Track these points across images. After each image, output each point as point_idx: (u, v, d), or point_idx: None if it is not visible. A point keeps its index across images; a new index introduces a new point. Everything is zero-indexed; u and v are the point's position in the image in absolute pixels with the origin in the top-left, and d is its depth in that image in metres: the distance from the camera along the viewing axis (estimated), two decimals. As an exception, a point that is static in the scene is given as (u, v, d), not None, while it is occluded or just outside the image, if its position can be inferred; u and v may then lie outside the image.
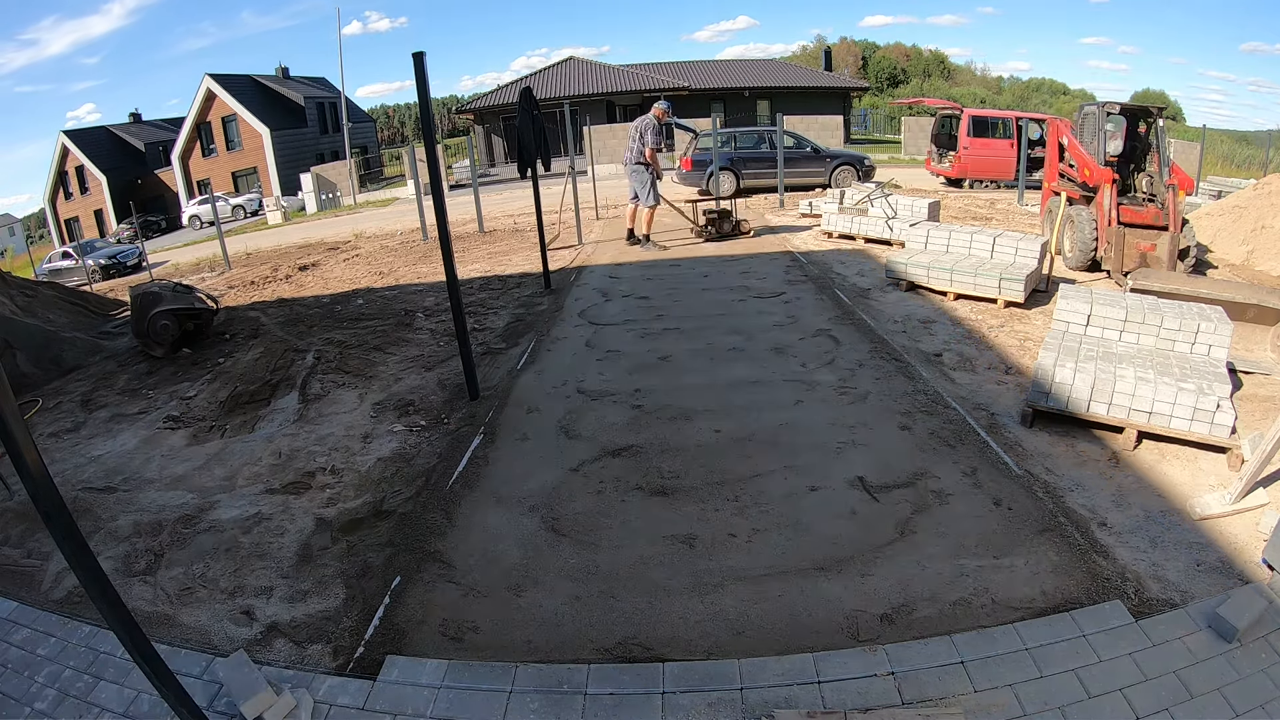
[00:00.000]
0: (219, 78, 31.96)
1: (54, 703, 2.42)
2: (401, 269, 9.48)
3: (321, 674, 2.44)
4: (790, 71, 33.20)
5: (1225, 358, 3.81)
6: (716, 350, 5.13)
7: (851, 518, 3.07)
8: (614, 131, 23.17)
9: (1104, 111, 7.06)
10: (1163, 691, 2.15)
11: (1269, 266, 7.06)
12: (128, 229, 25.97)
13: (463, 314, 4.55)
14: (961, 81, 53.04)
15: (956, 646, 2.34)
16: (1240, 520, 2.95)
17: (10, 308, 7.29)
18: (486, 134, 28.61)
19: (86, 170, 33.99)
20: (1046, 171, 8.71)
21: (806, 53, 53.19)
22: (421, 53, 4.05)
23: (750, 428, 3.92)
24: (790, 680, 2.26)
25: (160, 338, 6.24)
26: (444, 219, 4.34)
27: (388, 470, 3.85)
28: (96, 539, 3.35)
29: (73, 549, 1.68)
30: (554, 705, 2.23)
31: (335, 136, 32.85)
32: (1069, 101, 44.06)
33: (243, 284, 9.84)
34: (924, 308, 5.96)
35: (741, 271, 7.46)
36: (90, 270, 16.84)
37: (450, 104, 49.67)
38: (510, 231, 11.89)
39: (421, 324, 6.57)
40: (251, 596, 2.89)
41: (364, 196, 25.87)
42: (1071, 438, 3.66)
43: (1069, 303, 4.22)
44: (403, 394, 4.88)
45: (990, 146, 15.38)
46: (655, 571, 2.82)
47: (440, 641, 2.55)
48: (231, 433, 4.57)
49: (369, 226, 15.76)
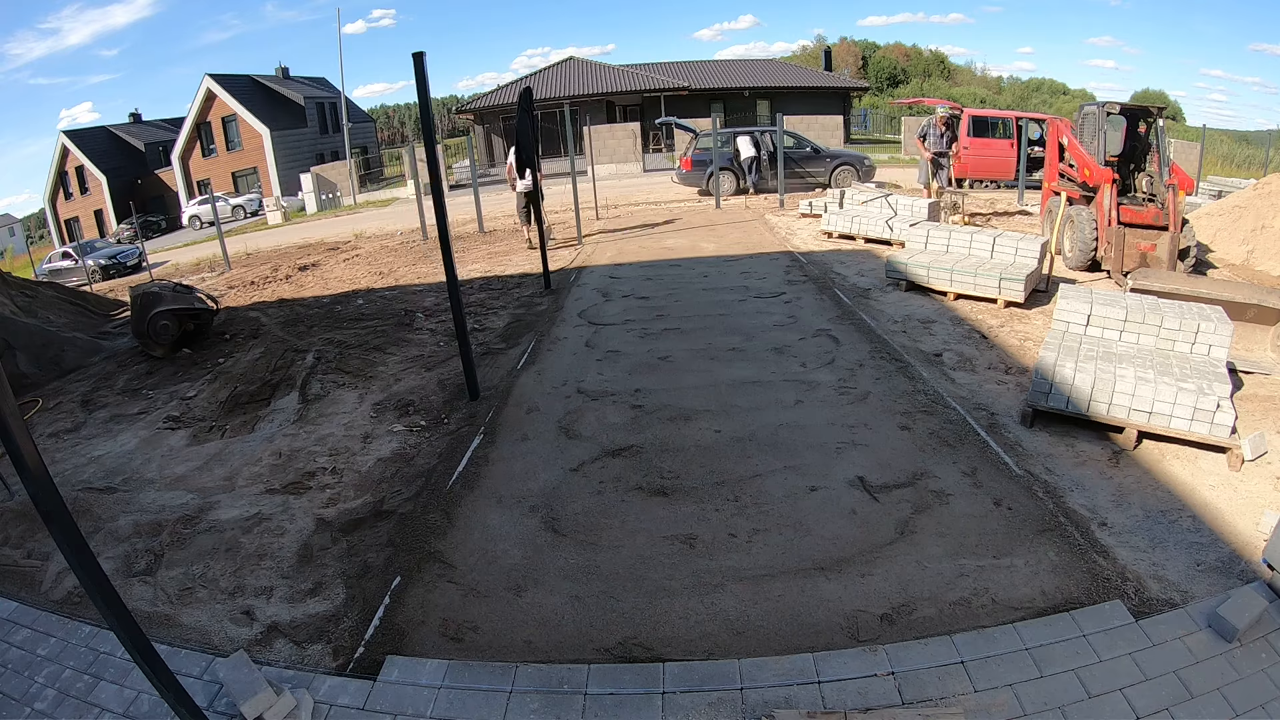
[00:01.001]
0: (219, 78, 31.96)
1: (54, 703, 2.42)
2: (401, 269, 9.48)
3: (321, 674, 2.44)
4: (790, 71, 33.18)
5: (1225, 358, 3.81)
6: (716, 350, 5.13)
7: (851, 518, 3.07)
8: (614, 131, 23.20)
9: (1104, 111, 7.06)
10: (1163, 691, 2.15)
11: (1269, 266, 7.05)
12: (128, 229, 25.97)
13: (463, 314, 4.55)
14: (961, 81, 53.02)
15: (956, 646, 2.34)
16: (1240, 520, 2.95)
17: (10, 308, 7.30)
18: (486, 134, 28.59)
19: (86, 170, 33.98)
20: (1046, 171, 8.71)
21: (806, 53, 53.15)
22: (421, 53, 4.05)
23: (750, 428, 3.92)
24: (790, 680, 2.26)
25: (160, 338, 6.24)
26: (444, 219, 4.34)
27: (388, 470, 3.85)
28: (96, 539, 3.34)
29: (73, 549, 1.68)
30: (554, 705, 2.23)
31: (335, 136, 32.85)
32: (1069, 101, 44.02)
33: (243, 284, 9.84)
34: (924, 308, 5.97)
35: (741, 272, 7.46)
36: (90, 270, 16.83)
37: (450, 104, 49.66)
38: (510, 231, 11.89)
39: (421, 324, 6.57)
40: (251, 597, 2.89)
41: (364, 196, 25.87)
42: (1071, 438, 3.66)
43: (1069, 303, 4.22)
44: (403, 394, 4.88)
45: (990, 146, 15.39)
46: (655, 572, 2.82)
47: (440, 642, 2.55)
48: (231, 433, 4.57)
49: (369, 227, 15.75)
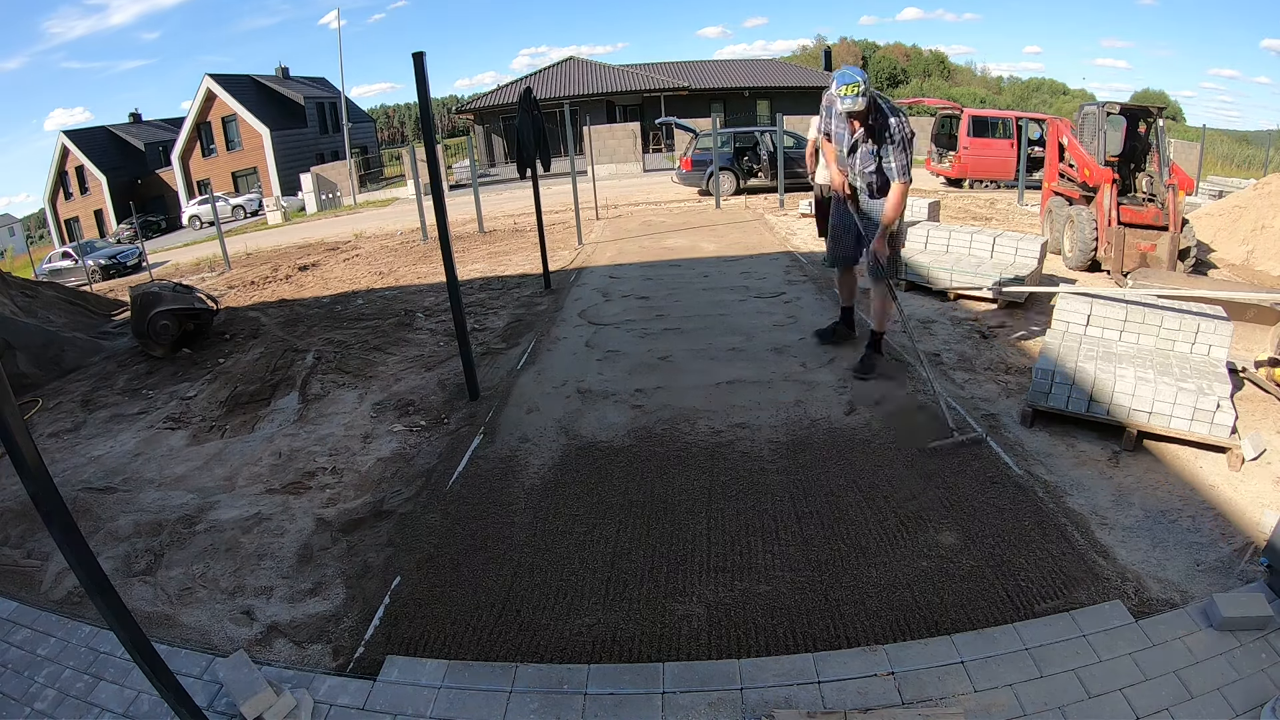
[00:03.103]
0: (219, 78, 31.99)
1: (54, 703, 2.42)
2: (401, 269, 9.49)
3: (321, 674, 2.44)
4: (791, 71, 33.22)
5: (1225, 358, 3.81)
6: (717, 350, 5.13)
7: (851, 519, 3.07)
8: (614, 132, 23.22)
9: (1104, 111, 7.06)
10: (1163, 691, 2.15)
11: (1269, 266, 7.06)
12: (128, 229, 25.99)
13: (463, 314, 4.55)
14: (961, 81, 53.07)
15: (956, 646, 2.34)
16: (1241, 520, 2.95)
17: (10, 308, 7.29)
18: (486, 134, 28.62)
19: (86, 170, 33.99)
20: (1046, 171, 8.72)
21: (806, 53, 53.20)
22: (421, 53, 4.05)
23: (750, 428, 3.92)
24: (790, 680, 2.26)
25: (160, 338, 6.24)
26: (444, 219, 4.34)
27: (388, 470, 3.85)
28: (96, 539, 3.34)
29: (73, 549, 1.67)
30: (554, 705, 2.23)
31: (335, 136, 32.86)
32: (1069, 101, 44.05)
33: (243, 284, 9.85)
34: (924, 307, 5.96)
35: (741, 272, 7.46)
36: (90, 270, 16.84)
37: (450, 104, 49.65)
38: (510, 231, 11.89)
39: (421, 324, 6.57)
40: (251, 596, 2.89)
41: (364, 196, 25.88)
42: (1071, 438, 3.66)
43: (1069, 303, 4.21)
44: (403, 394, 4.88)
45: (990, 146, 15.39)
46: (655, 572, 2.82)
47: (440, 642, 2.55)
48: (231, 433, 4.57)
49: (369, 227, 15.76)
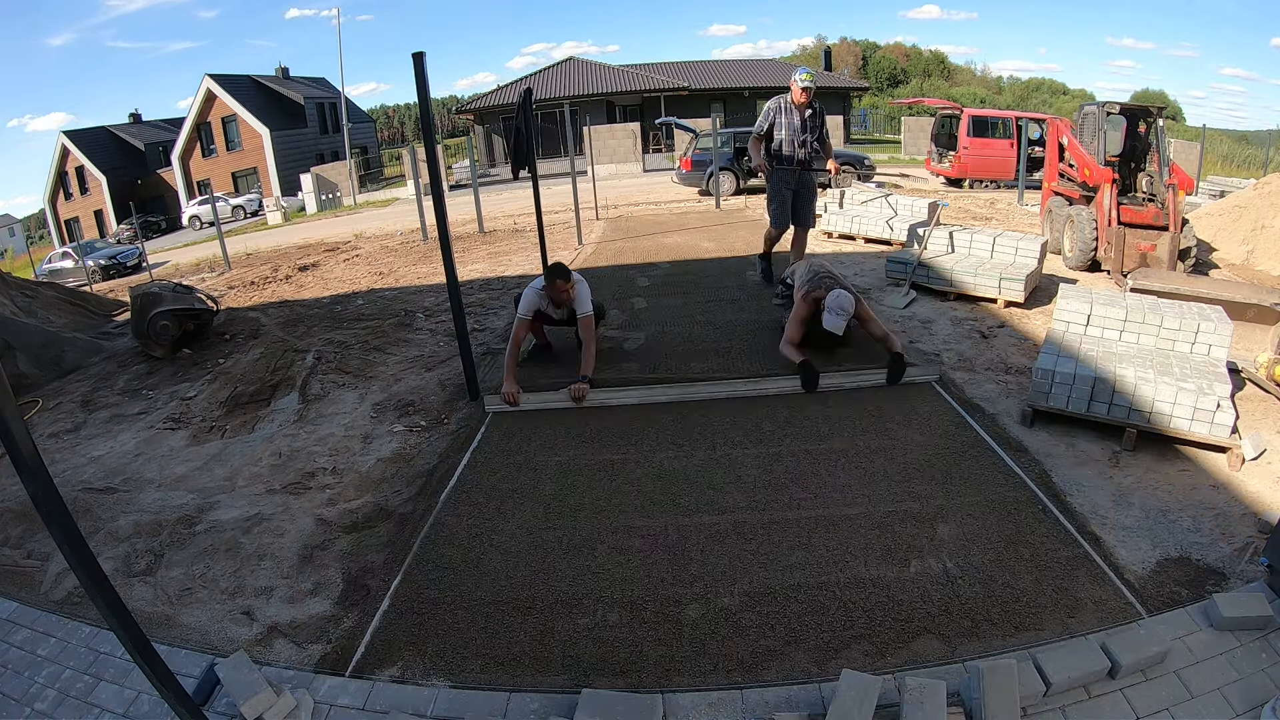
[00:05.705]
0: (219, 78, 31.97)
1: (54, 703, 2.42)
2: (401, 269, 9.48)
3: (322, 674, 2.44)
4: (790, 72, 33.18)
5: (1225, 358, 3.81)
6: (717, 350, 5.12)
7: (849, 520, 3.07)
8: (613, 132, 23.22)
9: (1104, 111, 7.06)
10: (1163, 691, 2.15)
11: (1269, 266, 7.05)
12: (128, 229, 25.98)
13: (463, 314, 4.55)
14: (961, 81, 53.05)
15: (956, 647, 2.34)
16: (1241, 520, 2.95)
17: (10, 308, 7.30)
18: (486, 134, 28.60)
19: (86, 170, 33.98)
20: (1046, 171, 8.72)
21: (806, 53, 53.16)
22: (421, 53, 4.04)
23: (749, 428, 3.92)
24: (790, 680, 2.26)
25: (160, 338, 6.24)
26: (444, 219, 4.34)
27: (388, 470, 3.85)
28: (96, 539, 3.34)
29: (73, 549, 1.67)
30: (554, 704, 2.23)
31: (335, 137, 32.85)
32: (1069, 101, 44.03)
33: (243, 284, 9.85)
34: (924, 307, 5.96)
35: (741, 271, 7.44)
36: (90, 271, 16.83)
37: (450, 104, 49.65)
38: (510, 232, 11.89)
39: (421, 324, 6.57)
40: (251, 597, 2.89)
41: (364, 197, 25.88)
42: (1071, 438, 3.66)
43: (1069, 303, 4.21)
44: (403, 394, 4.88)
45: (990, 146, 15.40)
46: (655, 572, 2.82)
47: (441, 642, 2.55)
48: (231, 433, 4.57)
49: (369, 227, 15.75)
